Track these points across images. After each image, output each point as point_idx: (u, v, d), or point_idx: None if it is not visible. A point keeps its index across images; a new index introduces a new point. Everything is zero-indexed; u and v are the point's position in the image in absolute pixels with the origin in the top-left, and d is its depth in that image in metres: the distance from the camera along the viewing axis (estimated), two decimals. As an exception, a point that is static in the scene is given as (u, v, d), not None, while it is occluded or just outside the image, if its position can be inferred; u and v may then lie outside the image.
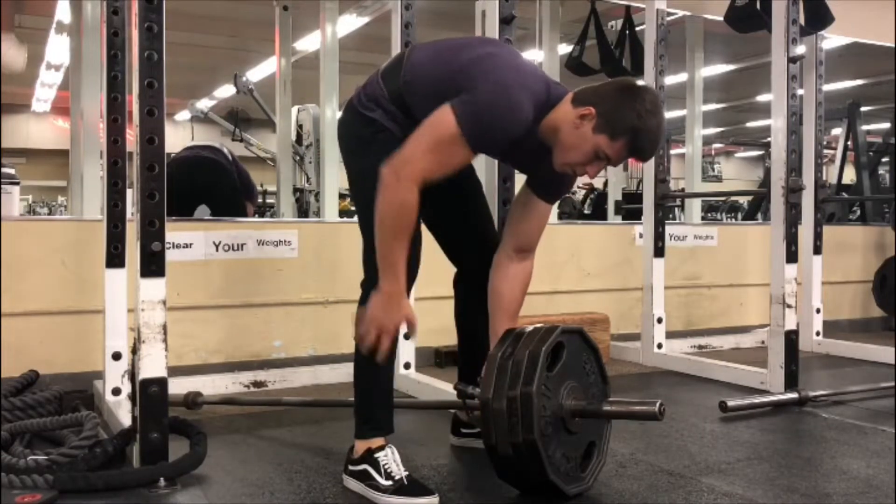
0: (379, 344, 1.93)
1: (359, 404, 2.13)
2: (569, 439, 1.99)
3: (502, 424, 1.91)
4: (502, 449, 1.93)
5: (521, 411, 1.88)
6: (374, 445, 2.05)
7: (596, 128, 1.95)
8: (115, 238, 2.76)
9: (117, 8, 2.73)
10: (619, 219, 6.51)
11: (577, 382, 2.03)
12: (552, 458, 1.92)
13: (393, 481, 1.98)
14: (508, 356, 1.97)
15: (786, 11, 3.16)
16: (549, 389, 1.93)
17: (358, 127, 2.15)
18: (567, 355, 2.01)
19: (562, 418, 1.96)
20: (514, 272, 2.22)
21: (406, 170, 1.90)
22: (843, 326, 5.05)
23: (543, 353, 1.92)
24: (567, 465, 1.98)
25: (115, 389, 2.78)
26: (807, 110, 4.36)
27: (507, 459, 1.94)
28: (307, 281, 3.62)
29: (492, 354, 2.02)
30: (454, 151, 1.94)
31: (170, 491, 2.04)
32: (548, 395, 1.93)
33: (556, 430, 1.95)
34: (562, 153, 2.01)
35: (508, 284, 2.21)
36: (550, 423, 1.92)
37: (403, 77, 2.09)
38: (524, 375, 1.90)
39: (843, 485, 2.15)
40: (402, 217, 1.91)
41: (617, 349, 4.09)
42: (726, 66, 10.85)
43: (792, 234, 3.19)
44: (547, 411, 1.92)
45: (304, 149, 6.09)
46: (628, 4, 4.38)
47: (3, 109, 13.64)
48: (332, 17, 5.33)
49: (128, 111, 2.70)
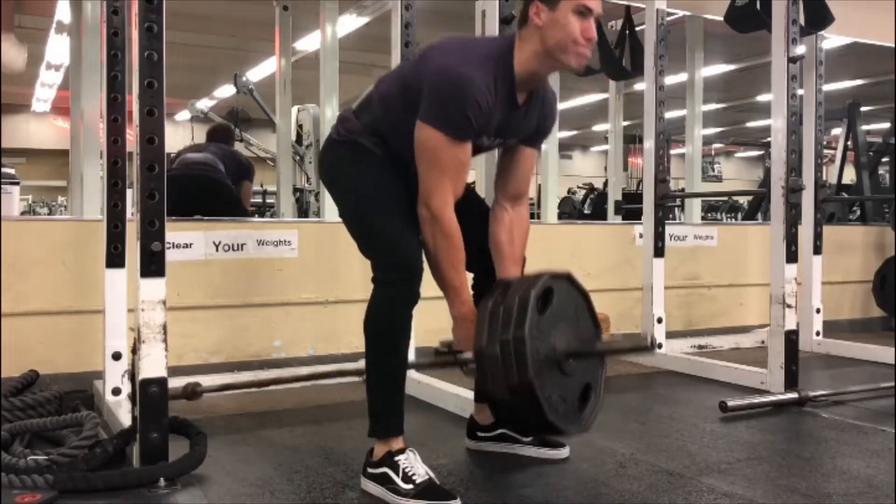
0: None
1: (373, 405, 2.11)
2: (564, 381, 2.00)
3: (497, 369, 1.93)
4: (499, 394, 1.95)
5: (514, 354, 1.90)
6: (394, 448, 2.04)
7: (549, 6, 2.02)
8: (115, 238, 2.76)
9: (117, 8, 2.73)
10: (619, 219, 6.50)
11: (569, 326, 2.05)
12: (549, 399, 1.93)
13: (413, 485, 1.96)
14: (499, 304, 2.00)
15: (786, 11, 3.16)
16: (540, 332, 1.95)
17: (339, 152, 2.22)
18: (557, 300, 2.03)
19: (556, 360, 1.98)
20: (511, 219, 2.26)
21: (434, 202, 2.01)
22: (843, 326, 5.05)
23: (533, 296, 1.94)
24: (564, 407, 1.99)
25: (115, 389, 2.78)
26: (807, 110, 4.36)
27: (505, 404, 1.96)
28: (307, 281, 3.62)
29: (482, 304, 2.05)
30: (453, 155, 2.01)
31: (170, 491, 2.04)
32: (540, 337, 1.94)
33: (551, 372, 1.96)
34: (559, 52, 2.04)
35: (507, 233, 2.25)
36: (544, 364, 1.94)
37: (374, 110, 2.16)
38: (515, 319, 1.92)
39: (843, 485, 2.15)
40: (451, 244, 2.03)
41: (617, 349, 4.09)
42: (726, 66, 10.87)
43: (792, 234, 3.19)
44: (540, 353, 1.93)
45: (304, 149, 6.08)
46: (628, 4, 4.38)
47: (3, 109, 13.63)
48: (332, 17, 5.33)
49: (128, 111, 2.70)
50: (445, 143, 1.98)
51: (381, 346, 2.08)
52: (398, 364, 2.10)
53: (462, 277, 2.07)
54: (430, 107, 1.98)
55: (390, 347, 2.08)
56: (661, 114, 3.92)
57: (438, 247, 2.03)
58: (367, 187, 2.14)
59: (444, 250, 2.03)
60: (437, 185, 2.01)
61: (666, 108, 3.94)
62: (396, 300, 2.06)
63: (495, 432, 2.41)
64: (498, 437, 2.40)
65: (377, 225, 2.11)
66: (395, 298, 2.06)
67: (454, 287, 2.07)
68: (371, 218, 2.13)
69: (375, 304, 2.08)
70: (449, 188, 2.02)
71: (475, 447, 2.44)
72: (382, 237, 2.10)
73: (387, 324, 2.07)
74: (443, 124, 1.97)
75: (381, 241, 2.11)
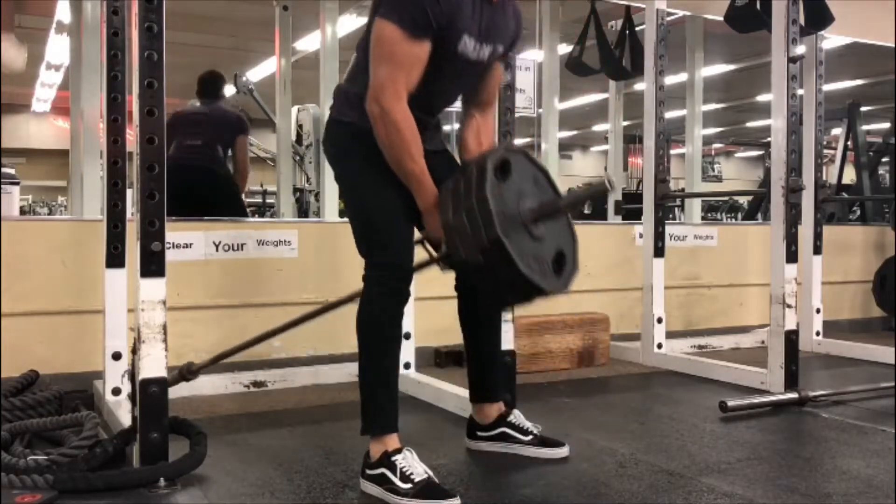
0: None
1: (365, 402, 2.13)
2: (535, 246, 2.00)
3: (466, 236, 1.94)
4: (472, 259, 1.95)
5: (480, 215, 1.91)
6: (390, 448, 2.04)
7: None
8: (115, 238, 2.76)
9: (117, 8, 2.73)
10: (619, 219, 6.50)
11: (531, 195, 2.06)
12: (523, 257, 1.93)
13: (412, 484, 1.96)
14: (458, 179, 2.02)
15: (786, 11, 3.16)
16: (503, 198, 1.96)
17: (337, 134, 2.22)
18: (515, 172, 2.04)
19: (522, 224, 1.98)
20: (478, 124, 2.32)
21: (384, 96, 1.99)
22: (843, 326, 5.04)
23: (490, 163, 1.96)
24: (539, 267, 1.99)
25: (115, 389, 2.78)
26: (807, 110, 4.36)
27: (480, 268, 1.96)
28: (307, 281, 3.62)
29: (444, 185, 2.06)
30: (409, 51, 2.00)
31: (170, 491, 2.04)
32: (502, 201, 1.95)
33: (519, 234, 1.97)
34: None
35: (474, 134, 2.31)
36: (511, 225, 1.94)
37: (359, 69, 2.14)
38: (476, 184, 1.94)
39: (843, 485, 2.15)
40: (403, 136, 1.99)
41: (617, 349, 4.09)
42: (726, 66, 10.88)
43: (792, 234, 3.19)
44: (505, 215, 1.94)
45: (303, 149, 6.08)
46: (628, 4, 4.38)
47: (3, 109, 13.64)
48: (332, 17, 5.33)
49: (128, 111, 2.70)
50: (401, 38, 1.97)
51: (371, 342, 2.10)
52: (389, 360, 2.12)
53: (421, 165, 2.04)
54: (385, 4, 1.99)
55: (380, 344, 2.10)
56: (661, 114, 3.91)
57: (392, 141, 2.00)
58: (366, 179, 2.14)
59: (398, 143, 2.00)
60: (390, 80, 1.97)
61: (666, 108, 3.94)
62: (385, 297, 2.08)
63: (495, 431, 2.41)
64: (498, 437, 2.40)
65: (372, 220, 2.12)
66: (384, 295, 2.08)
67: (415, 175, 2.04)
68: (367, 213, 2.14)
69: (366, 300, 2.10)
70: (402, 83, 1.99)
71: (475, 447, 2.44)
72: (375, 233, 2.11)
73: (376, 320, 2.09)
74: (398, 17, 1.96)
75: (373, 236, 2.12)
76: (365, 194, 2.14)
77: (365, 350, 2.11)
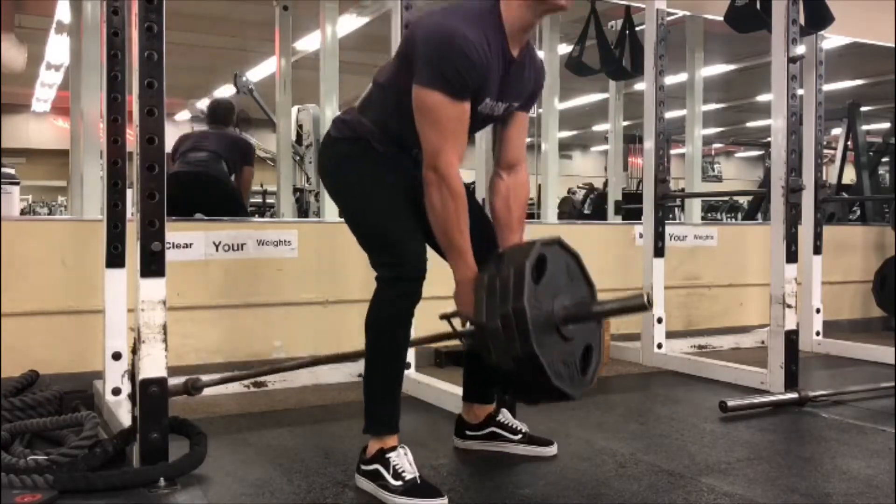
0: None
1: (370, 402, 2.13)
2: (565, 346, 2.03)
3: (500, 342, 1.96)
4: (505, 365, 1.98)
5: (515, 325, 1.92)
6: (386, 445, 2.05)
7: None
8: (115, 238, 2.76)
9: (117, 8, 2.73)
10: (619, 219, 6.50)
11: (564, 290, 2.07)
12: (553, 365, 1.96)
13: (403, 482, 1.97)
14: (495, 277, 2.01)
15: (786, 11, 3.16)
16: (538, 301, 1.97)
17: (340, 149, 2.21)
18: (550, 266, 2.05)
19: (555, 326, 2.00)
20: (507, 186, 2.29)
21: (440, 162, 1.98)
22: (843, 326, 5.04)
23: (528, 266, 1.96)
24: (568, 371, 2.03)
25: (115, 389, 2.78)
26: (807, 110, 4.36)
27: (511, 374, 1.99)
28: (307, 281, 3.62)
29: (479, 277, 2.05)
30: (453, 115, 1.99)
31: (170, 491, 2.04)
32: (538, 306, 1.96)
33: (552, 338, 1.99)
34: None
35: (503, 202, 2.28)
36: (545, 332, 1.96)
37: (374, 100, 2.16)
38: (513, 291, 1.95)
39: (843, 485, 2.15)
40: (457, 206, 2.00)
41: (617, 349, 4.09)
42: (726, 66, 10.86)
43: (792, 234, 3.19)
44: (540, 321, 1.95)
45: (303, 149, 6.07)
46: (628, 4, 4.38)
47: (3, 109, 13.64)
48: (332, 17, 5.32)
49: (128, 111, 2.70)
50: (445, 103, 1.96)
51: (381, 343, 2.10)
52: (397, 362, 2.13)
53: (467, 240, 2.05)
54: (424, 68, 1.97)
55: (390, 346, 2.10)
56: (661, 114, 3.91)
57: (447, 208, 1.99)
58: (369, 186, 2.14)
59: (452, 212, 2.00)
60: (442, 147, 1.98)
61: (666, 108, 3.94)
62: (399, 299, 2.07)
63: (485, 431, 2.41)
64: (488, 436, 2.41)
65: (380, 225, 2.11)
66: (397, 298, 2.07)
67: (460, 249, 2.05)
68: (374, 218, 2.13)
69: (377, 302, 2.09)
70: (454, 149, 1.99)
71: (464, 446, 2.45)
72: (385, 237, 2.10)
73: (388, 322, 2.09)
74: (440, 84, 1.95)
75: (384, 241, 2.10)
76: (370, 199, 2.13)
77: (374, 351, 2.11)
